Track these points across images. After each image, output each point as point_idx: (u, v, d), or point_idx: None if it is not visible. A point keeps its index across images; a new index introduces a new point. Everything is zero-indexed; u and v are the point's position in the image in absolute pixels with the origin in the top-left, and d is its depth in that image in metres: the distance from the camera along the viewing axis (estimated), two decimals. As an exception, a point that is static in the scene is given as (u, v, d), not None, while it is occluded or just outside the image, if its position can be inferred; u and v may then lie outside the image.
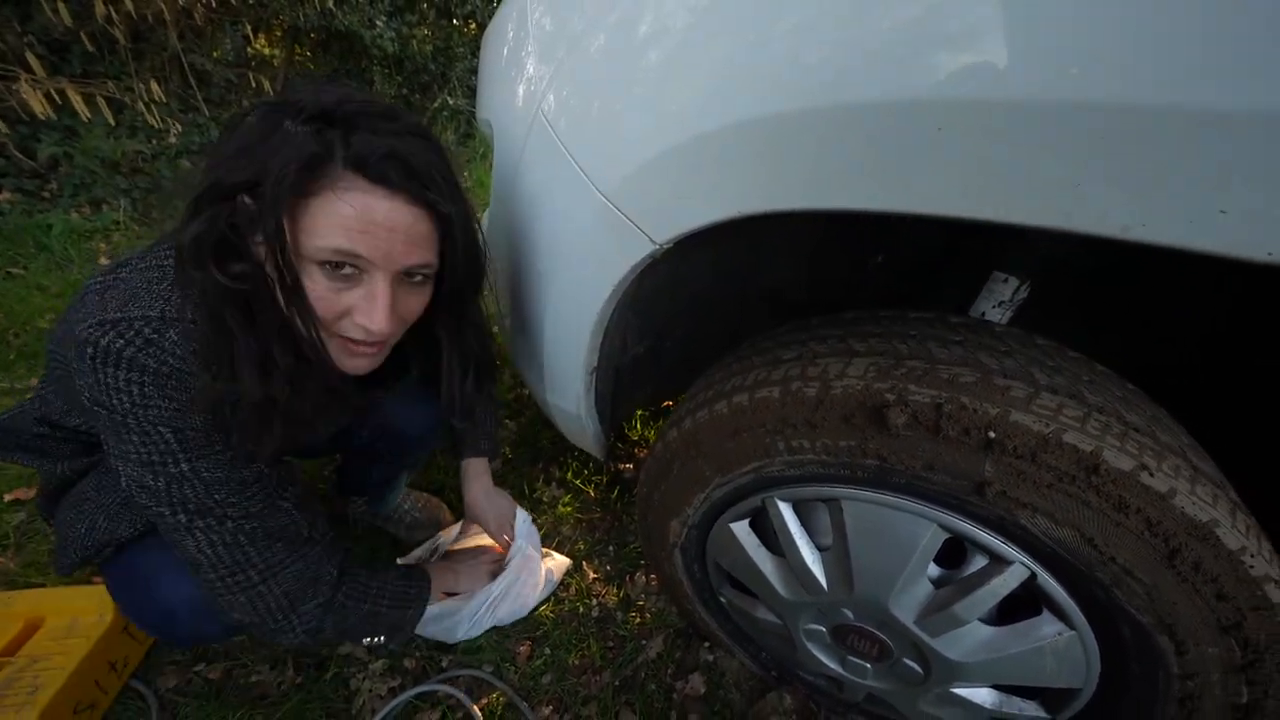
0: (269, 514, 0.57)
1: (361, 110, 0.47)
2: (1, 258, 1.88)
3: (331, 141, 0.46)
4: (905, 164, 0.35)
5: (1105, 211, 0.32)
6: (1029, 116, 0.31)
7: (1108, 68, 0.29)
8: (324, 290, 0.49)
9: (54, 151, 2.18)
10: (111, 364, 0.47)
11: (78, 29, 2.23)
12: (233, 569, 0.56)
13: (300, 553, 0.60)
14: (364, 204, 0.46)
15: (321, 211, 0.46)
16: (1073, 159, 0.31)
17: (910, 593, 0.56)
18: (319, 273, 0.48)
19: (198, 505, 0.53)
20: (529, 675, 0.89)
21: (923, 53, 0.34)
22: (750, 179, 0.42)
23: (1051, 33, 0.30)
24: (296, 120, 0.46)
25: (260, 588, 0.58)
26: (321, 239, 0.47)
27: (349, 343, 0.54)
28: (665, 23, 0.46)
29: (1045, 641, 0.52)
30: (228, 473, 0.54)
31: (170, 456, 0.51)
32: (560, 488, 1.23)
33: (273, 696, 0.84)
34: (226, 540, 0.55)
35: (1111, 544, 0.44)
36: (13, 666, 0.80)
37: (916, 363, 0.50)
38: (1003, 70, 0.31)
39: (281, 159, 0.44)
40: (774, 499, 0.61)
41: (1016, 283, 0.65)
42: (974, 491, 0.48)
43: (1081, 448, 0.42)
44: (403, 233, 0.49)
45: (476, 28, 3.57)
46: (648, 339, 0.83)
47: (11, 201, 2.08)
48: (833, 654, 0.71)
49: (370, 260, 0.49)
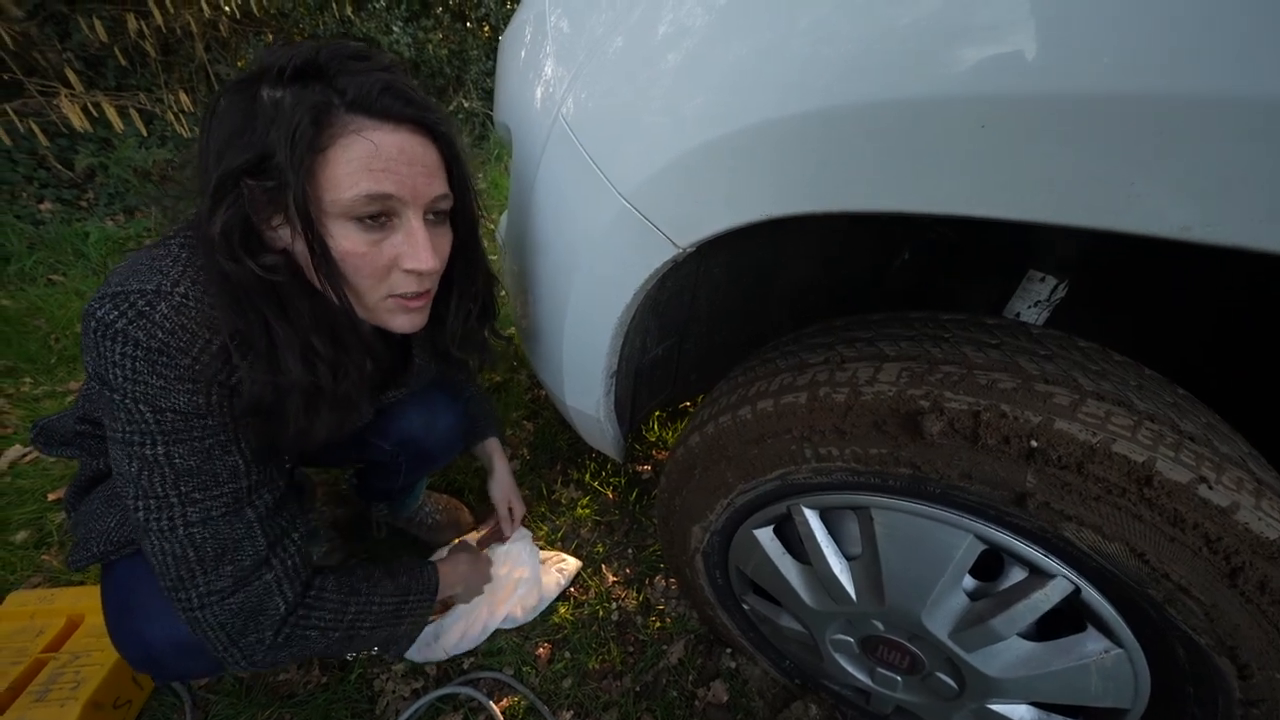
0: (228, 522, 0.53)
1: (335, 56, 0.47)
2: (43, 265, 1.95)
3: (325, 91, 0.46)
4: (945, 164, 0.34)
5: (1163, 211, 0.30)
6: (1079, 112, 0.29)
7: (1170, 58, 0.27)
8: (363, 245, 0.49)
9: (90, 162, 2.27)
10: (108, 337, 0.47)
11: (112, 44, 2.32)
12: (175, 585, 0.53)
13: (246, 583, 0.55)
14: (378, 139, 0.47)
15: (340, 160, 0.46)
16: (1128, 156, 0.29)
17: (944, 605, 0.54)
18: (354, 229, 0.48)
19: (160, 499, 0.50)
20: (549, 679, 0.89)
21: (964, 46, 0.32)
22: (778, 181, 0.41)
23: (1105, 22, 0.28)
24: (275, 86, 0.45)
25: (198, 614, 0.54)
26: (347, 188, 0.46)
27: (402, 300, 0.54)
28: (688, 22, 0.45)
29: (1090, 659, 0.50)
30: (200, 463, 0.51)
31: (148, 437, 0.49)
32: (578, 489, 1.22)
33: (300, 696, 0.86)
34: (175, 553, 0.52)
35: (1165, 560, 0.41)
36: (56, 662, 0.83)
37: (952, 368, 0.48)
38: (1051, 64, 0.30)
39: (283, 123, 0.44)
40: (800, 506, 0.60)
41: (1054, 282, 0.63)
42: (1014, 502, 0.46)
43: (1133, 458, 0.40)
44: (420, 163, 0.50)
45: (490, 31, 3.59)
46: (667, 341, 0.82)
47: (52, 211, 2.16)
48: (861, 665, 0.70)
49: (399, 197, 0.49)
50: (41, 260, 1.96)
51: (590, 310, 0.64)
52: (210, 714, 0.83)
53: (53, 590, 0.95)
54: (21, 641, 0.85)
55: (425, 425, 0.85)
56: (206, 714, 0.83)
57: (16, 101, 2.15)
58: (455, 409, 0.88)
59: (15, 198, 2.14)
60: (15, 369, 1.52)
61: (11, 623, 0.89)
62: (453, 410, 0.88)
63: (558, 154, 0.60)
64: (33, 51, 2.22)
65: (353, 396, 0.58)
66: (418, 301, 0.55)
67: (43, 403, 1.43)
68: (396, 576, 0.70)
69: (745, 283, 0.80)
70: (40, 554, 1.06)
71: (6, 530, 1.09)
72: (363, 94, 0.46)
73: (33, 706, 0.77)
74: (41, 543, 1.08)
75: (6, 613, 0.90)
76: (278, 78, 0.45)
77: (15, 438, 1.31)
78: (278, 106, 0.45)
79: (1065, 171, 0.30)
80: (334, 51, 0.47)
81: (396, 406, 0.81)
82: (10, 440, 1.30)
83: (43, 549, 1.07)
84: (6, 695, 0.78)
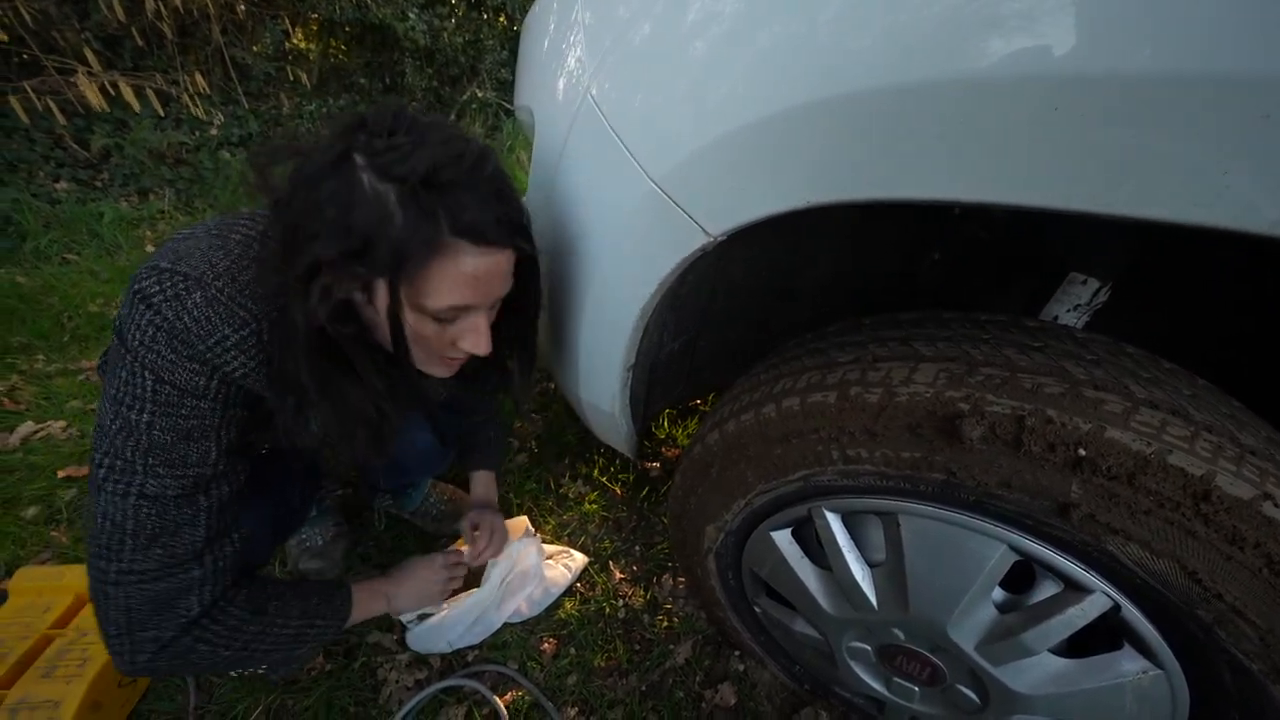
0: (178, 504, 0.53)
1: (454, 168, 0.47)
2: (58, 245, 1.96)
3: (435, 211, 0.47)
4: (1008, 150, 0.31)
5: (1255, 204, 0.27)
6: (1168, 95, 0.27)
7: (1273, 37, 0.25)
8: (433, 331, 0.54)
9: (106, 143, 2.27)
10: (142, 303, 0.49)
11: (129, 24, 2.31)
12: (100, 553, 0.52)
13: (169, 573, 0.53)
14: (475, 266, 0.50)
15: (436, 276, 0.49)
16: (1221, 145, 0.27)
17: (972, 617, 0.52)
18: (429, 321, 0.52)
19: (126, 463, 0.51)
20: (554, 675, 0.88)
21: (1032, 22, 0.29)
22: (822, 166, 0.38)
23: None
24: (378, 178, 0.46)
25: (109, 589, 0.52)
26: (436, 300, 0.50)
27: (444, 359, 0.59)
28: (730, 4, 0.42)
29: (1126, 679, 0.48)
30: (175, 439, 0.51)
31: (139, 402, 0.50)
32: (586, 484, 1.21)
33: (303, 682, 0.85)
34: (115, 519, 0.51)
35: (1219, 580, 0.39)
36: (64, 639, 0.83)
37: (993, 370, 0.46)
38: (1130, 42, 0.27)
39: (390, 233, 0.45)
40: (822, 509, 0.58)
41: (1097, 284, 0.60)
42: (1056, 513, 0.43)
43: (1190, 471, 0.38)
44: (501, 275, 0.53)
45: (506, 21, 3.56)
46: (683, 335, 0.80)
47: (67, 191, 2.17)
48: (877, 674, 0.68)
49: (477, 305, 0.54)
50: (56, 239, 1.96)
51: (611, 301, 0.62)
52: (214, 696, 0.83)
53: (61, 567, 0.95)
54: (29, 617, 0.85)
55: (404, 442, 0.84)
56: (210, 696, 0.83)
57: (35, 80, 2.15)
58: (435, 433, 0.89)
59: (32, 176, 2.15)
60: (29, 346, 1.53)
61: (20, 598, 0.89)
62: (426, 428, 0.88)
63: (584, 136, 0.58)
64: (52, 30, 2.22)
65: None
66: (457, 362, 0.60)
67: (55, 380, 1.43)
68: (308, 598, 0.67)
69: (763, 280, 0.78)
70: (49, 530, 1.06)
71: (17, 506, 1.09)
72: (477, 225, 0.48)
73: (39, 682, 0.76)
74: (51, 519, 1.08)
75: (15, 588, 0.90)
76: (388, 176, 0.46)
77: (28, 414, 1.31)
78: (382, 205, 0.45)
79: (1149, 160, 0.28)
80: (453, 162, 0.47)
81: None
82: (23, 416, 1.30)
83: (52, 525, 1.07)
84: (13, 671, 0.78)
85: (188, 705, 0.82)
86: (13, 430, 1.26)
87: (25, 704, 0.74)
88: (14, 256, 1.90)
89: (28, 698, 0.74)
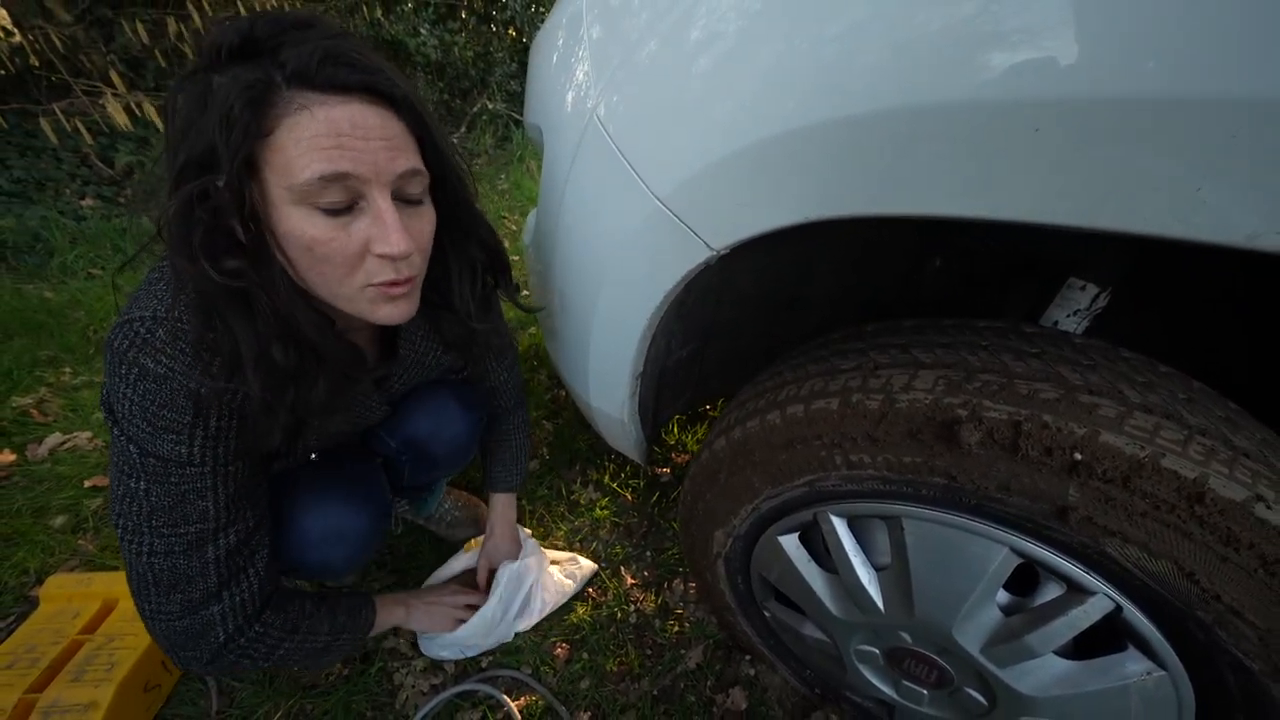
0: (186, 557, 0.56)
1: (274, 26, 0.43)
2: (83, 259, 2.02)
3: (264, 67, 0.42)
4: (996, 168, 0.33)
5: (1229, 218, 0.29)
6: (1143, 114, 0.29)
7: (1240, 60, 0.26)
8: (328, 231, 0.46)
9: (129, 160, 2.35)
10: (121, 364, 0.48)
11: (152, 46, 2.40)
12: (136, 592, 0.57)
13: (192, 612, 0.57)
14: (327, 114, 0.43)
15: (287, 142, 0.43)
16: (1194, 161, 0.28)
17: (977, 619, 0.53)
18: (318, 216, 0.45)
19: (134, 526, 0.54)
20: (567, 679, 0.89)
21: (1014, 47, 0.31)
22: (820, 184, 0.40)
23: (1168, 23, 0.28)
24: (222, 70, 0.43)
25: (148, 621, 0.58)
26: (300, 172, 0.43)
27: (382, 289, 0.50)
28: (732, 24, 0.45)
29: (1130, 680, 0.48)
30: (173, 503, 0.53)
31: (134, 471, 0.52)
32: (597, 490, 1.23)
33: (321, 687, 0.87)
34: (138, 571, 0.56)
35: (1217, 581, 0.40)
36: (92, 644, 0.85)
37: (990, 376, 0.47)
38: (1107, 66, 0.29)
39: (226, 111, 0.41)
40: (828, 514, 0.59)
41: (1095, 290, 0.61)
42: (1055, 516, 0.45)
43: (1183, 474, 0.39)
44: (377, 136, 0.45)
45: (515, 33, 3.64)
46: (691, 343, 0.82)
47: (92, 207, 2.24)
48: (886, 677, 0.68)
49: (358, 175, 0.45)
50: (82, 254, 2.03)
51: (619, 311, 0.64)
52: (235, 701, 0.85)
53: (89, 574, 0.98)
54: (60, 623, 0.88)
55: (431, 431, 0.83)
56: (231, 700, 0.85)
57: (64, 102, 2.24)
58: (467, 419, 0.85)
59: (59, 194, 2.22)
60: (56, 359, 1.58)
61: (51, 604, 0.92)
62: (464, 420, 0.85)
63: (591, 155, 0.60)
64: (79, 54, 2.32)
65: (321, 403, 0.55)
66: (399, 288, 0.51)
67: (81, 392, 1.48)
68: (335, 615, 0.72)
69: (768, 289, 0.80)
70: (77, 538, 1.09)
71: (46, 515, 1.13)
72: (302, 65, 0.42)
73: (69, 686, 0.79)
74: (78, 527, 1.12)
75: (46, 594, 0.93)
76: (225, 59, 0.43)
77: (55, 425, 1.36)
78: (220, 89, 0.42)
79: (1130, 177, 0.29)
80: (272, 22, 0.44)
81: (409, 407, 0.81)
82: (50, 428, 1.35)
83: (79, 533, 1.11)
84: (45, 675, 0.81)
85: (210, 709, 0.84)
86: (41, 441, 1.30)
87: (57, 708, 0.77)
88: (42, 272, 1.96)
89: (59, 701, 0.77)
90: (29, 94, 2.31)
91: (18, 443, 1.29)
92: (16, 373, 1.48)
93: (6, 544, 1.06)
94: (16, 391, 1.43)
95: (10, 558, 1.04)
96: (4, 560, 1.03)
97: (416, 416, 0.82)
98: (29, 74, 2.30)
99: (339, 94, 0.44)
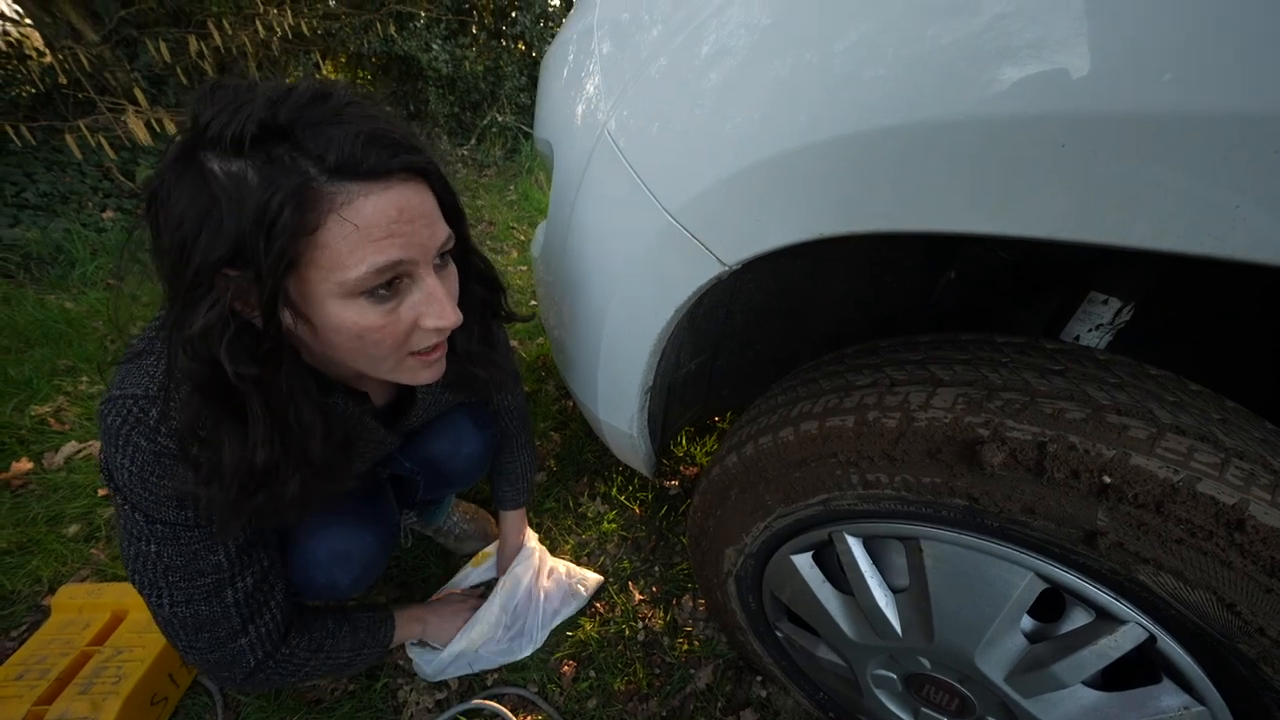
0: (207, 604, 0.58)
1: (296, 109, 0.39)
2: (103, 270, 2.07)
3: (294, 159, 0.39)
4: (1018, 185, 0.32)
5: (1270, 236, 0.28)
6: (1178, 131, 0.28)
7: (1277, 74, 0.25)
8: (380, 318, 0.45)
9: (149, 174, 2.40)
10: (115, 441, 0.48)
11: (174, 64, 2.47)
12: (167, 635, 0.60)
13: (222, 646, 0.60)
14: (371, 207, 0.41)
15: (336, 238, 0.40)
16: (1234, 178, 0.27)
17: (1000, 646, 0.51)
18: (366, 304, 0.44)
19: (150, 581, 0.55)
20: (574, 698, 0.88)
21: (1039, 61, 0.30)
22: (832, 201, 0.40)
23: (1202, 36, 0.27)
24: (227, 157, 0.38)
25: (183, 654, 0.61)
26: (354, 267, 0.41)
27: (422, 356, 0.51)
28: (743, 39, 0.44)
29: (1165, 715, 0.46)
30: (186, 561, 0.55)
31: (142, 535, 0.53)
32: (605, 503, 1.21)
33: (327, 702, 0.86)
34: (164, 618, 0.58)
35: (1260, 613, 0.38)
36: (100, 656, 0.85)
37: (1013, 394, 0.45)
38: (1140, 81, 0.28)
39: (253, 209, 0.37)
40: (843, 533, 0.57)
41: (1119, 304, 0.59)
42: (1083, 541, 0.43)
43: (1221, 499, 0.37)
44: (419, 215, 0.44)
45: (525, 48, 3.70)
46: (700, 355, 0.81)
47: (113, 220, 2.30)
48: (904, 704, 0.66)
49: (410, 260, 0.44)
50: (102, 266, 2.07)
51: (629, 326, 0.63)
52: (241, 716, 0.84)
53: (100, 585, 0.98)
54: (70, 634, 0.88)
55: (448, 451, 0.84)
56: (237, 715, 0.85)
57: (88, 118, 2.30)
58: (482, 437, 0.87)
59: (82, 207, 2.28)
60: (74, 369, 1.61)
61: (61, 614, 0.92)
62: (480, 438, 0.87)
63: (602, 170, 0.60)
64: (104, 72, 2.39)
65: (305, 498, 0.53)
66: (436, 353, 0.52)
67: (97, 401, 1.50)
68: (357, 633, 0.76)
69: (780, 302, 0.79)
70: (89, 547, 1.10)
71: (60, 524, 1.14)
72: (345, 157, 0.39)
73: (77, 698, 0.79)
74: (91, 536, 1.13)
75: (58, 604, 0.93)
76: (230, 147, 0.38)
77: (71, 434, 1.37)
78: (240, 186, 0.38)
79: (1162, 194, 0.28)
80: (293, 105, 0.39)
81: (424, 428, 0.82)
82: (67, 436, 1.36)
83: (92, 542, 1.11)
84: (54, 687, 0.81)
85: (216, 723, 0.84)
86: (57, 450, 1.32)
87: (64, 720, 0.76)
88: (64, 283, 2.01)
89: (66, 714, 0.77)
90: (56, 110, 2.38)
91: (35, 451, 1.31)
92: (36, 381, 1.51)
93: (22, 552, 1.07)
94: (36, 400, 1.45)
95: (25, 566, 1.04)
96: (19, 569, 1.04)
97: (433, 436, 0.83)
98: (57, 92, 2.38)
99: (381, 180, 0.42)
